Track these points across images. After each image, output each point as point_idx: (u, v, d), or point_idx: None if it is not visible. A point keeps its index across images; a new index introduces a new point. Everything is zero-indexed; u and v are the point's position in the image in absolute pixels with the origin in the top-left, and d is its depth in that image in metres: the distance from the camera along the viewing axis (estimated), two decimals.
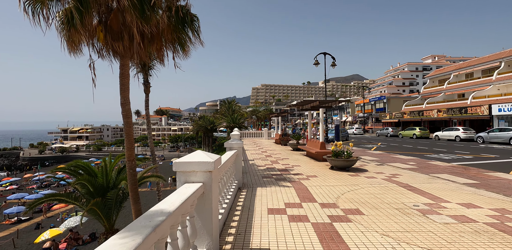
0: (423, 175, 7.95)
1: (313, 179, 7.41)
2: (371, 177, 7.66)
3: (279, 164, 10.31)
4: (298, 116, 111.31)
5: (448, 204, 5.01)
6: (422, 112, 37.95)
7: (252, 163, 10.63)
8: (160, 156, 70.37)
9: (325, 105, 10.99)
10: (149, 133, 14.95)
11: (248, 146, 18.83)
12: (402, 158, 12.58)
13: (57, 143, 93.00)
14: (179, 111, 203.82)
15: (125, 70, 7.55)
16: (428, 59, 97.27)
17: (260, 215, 4.40)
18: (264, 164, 10.47)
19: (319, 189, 6.15)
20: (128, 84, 7.68)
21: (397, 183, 6.84)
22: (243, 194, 5.77)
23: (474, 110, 28.97)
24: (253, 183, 6.85)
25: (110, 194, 8.22)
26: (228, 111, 48.72)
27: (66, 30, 6.55)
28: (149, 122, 14.93)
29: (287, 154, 13.89)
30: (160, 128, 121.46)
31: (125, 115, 7.55)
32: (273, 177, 7.76)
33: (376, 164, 10.42)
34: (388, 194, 5.73)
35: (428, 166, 10.15)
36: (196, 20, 8.34)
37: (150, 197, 25.99)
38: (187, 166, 2.69)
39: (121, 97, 7.53)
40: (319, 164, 10.32)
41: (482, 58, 37.71)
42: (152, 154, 14.89)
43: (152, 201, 22.07)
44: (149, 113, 14.98)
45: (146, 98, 14.95)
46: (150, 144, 15.03)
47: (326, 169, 9.04)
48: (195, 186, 2.58)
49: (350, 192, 5.85)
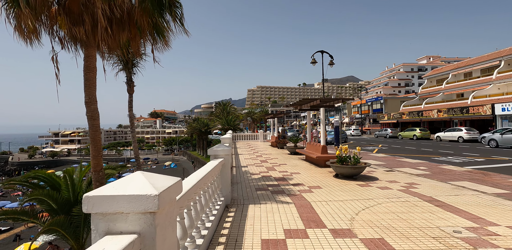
0: (443, 184, 6.79)
1: (317, 191, 6.20)
2: (385, 187, 6.47)
3: (275, 171, 9.09)
4: (294, 118, 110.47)
5: (496, 228, 3.84)
6: (421, 113, 37.07)
7: (245, 171, 9.39)
8: (154, 160, 68.68)
9: (327, 104, 9.82)
10: (133, 137, 13.65)
11: (242, 150, 17.60)
12: (410, 162, 11.45)
13: (47, 147, 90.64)
14: (174, 113, 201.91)
15: (90, 62, 6.29)
16: (423, 60, 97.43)
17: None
18: (259, 171, 9.23)
19: (326, 206, 4.94)
20: (95, 79, 6.42)
21: (419, 195, 5.66)
22: (231, 215, 4.53)
23: (476, 110, 28.10)
24: (245, 198, 5.61)
25: (77, 210, 6.93)
26: (222, 113, 47.48)
27: (10, 11, 5.30)
28: (132, 125, 13.63)
29: (284, 158, 12.68)
30: (155, 131, 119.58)
31: (91, 116, 6.29)
32: (269, 189, 6.53)
33: (384, 170, 9.26)
34: (414, 212, 4.54)
35: (442, 171, 9.02)
36: (178, 6, 7.14)
37: None
38: (108, 203, 1.45)
39: (85, 94, 6.27)
40: (320, 170, 9.12)
41: (481, 57, 37.03)
42: (136, 160, 13.57)
43: None
44: (133, 115, 13.69)
45: (130, 99, 13.66)
46: (134, 148, 13.72)
47: (330, 177, 7.84)
48: (122, 241, 1.36)
49: (365, 211, 4.65)
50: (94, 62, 6.41)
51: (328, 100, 9.35)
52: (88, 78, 6.27)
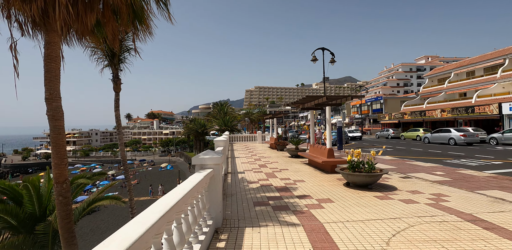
0: (476, 196, 5.72)
1: (328, 206, 5.10)
2: (409, 200, 5.38)
3: (276, 179, 7.98)
4: (292, 118, 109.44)
5: None
6: (424, 112, 36.08)
7: (241, 178, 8.27)
8: (150, 161, 67.34)
9: (333, 102, 8.73)
10: (120, 138, 12.48)
11: (240, 152, 16.48)
12: (423, 166, 10.39)
13: (42, 149, 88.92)
14: (172, 114, 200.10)
15: (52, 50, 5.16)
16: (422, 60, 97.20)
17: None
18: (258, 178, 8.12)
19: (345, 231, 3.83)
20: (58, 70, 5.29)
21: (456, 212, 4.58)
22: (221, 246, 3.42)
23: (482, 109, 27.12)
24: (240, 218, 4.49)
25: (42, 228, 5.78)
26: (219, 114, 46.35)
27: None
28: (119, 126, 12.46)
29: (285, 162, 11.59)
30: (152, 132, 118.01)
31: (52, 116, 5.15)
32: (270, 203, 5.42)
33: (399, 176, 8.18)
34: (462, 240, 3.45)
35: (463, 177, 7.96)
36: None
37: None
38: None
39: (45, 89, 5.14)
40: (327, 177, 8.02)
41: (485, 55, 36.15)
42: (123, 164, 12.40)
43: None
44: (119, 115, 12.52)
45: (116, 97, 12.49)
46: (121, 151, 12.56)
47: (340, 187, 6.75)
48: None
49: (397, 238, 3.56)
50: (57, 50, 5.27)
51: (335, 97, 8.26)
52: (50, 69, 5.14)
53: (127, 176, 12.35)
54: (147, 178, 45.85)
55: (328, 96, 8.06)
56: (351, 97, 8.09)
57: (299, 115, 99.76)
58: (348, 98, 8.09)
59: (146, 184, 40.27)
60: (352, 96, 8.10)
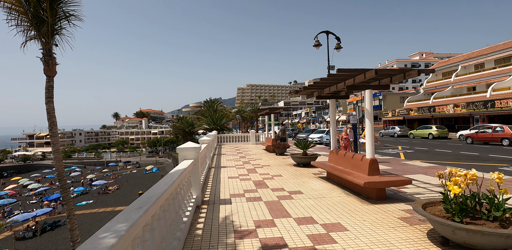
0: None
1: None
2: None
3: (290, 222, 4.35)
4: (286, 116, 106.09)
5: None
6: (433, 108, 33.01)
7: (225, 218, 4.58)
8: (135, 163, 62.95)
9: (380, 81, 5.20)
10: (54, 142, 8.65)
11: (228, 158, 12.81)
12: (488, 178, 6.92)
13: (20, 151, 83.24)
14: (162, 113, 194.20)
15: None
16: (416, 56, 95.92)
17: None
18: (257, 219, 4.47)
19: None
20: None
21: None
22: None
23: (504, 104, 24.09)
24: None
25: None
26: (208, 111, 42.52)
27: None
28: (54, 125, 8.66)
29: (293, 176, 7.99)
30: (140, 132, 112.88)
31: None
32: None
33: None
34: None
35: None
36: None
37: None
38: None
39: None
40: (383, 215, 4.45)
41: (496, 46, 33.31)
42: (59, 180, 8.58)
43: None
44: (53, 110, 8.71)
45: (48, 84, 8.66)
46: (56, 161, 8.72)
47: (434, 248, 3.18)
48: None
49: None
50: None
51: (389, 72, 4.69)
52: None
53: (66, 197, 8.57)
54: (129, 183, 41.77)
55: (379, 70, 4.50)
56: (419, 71, 4.53)
57: (292, 113, 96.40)
58: (413, 72, 4.55)
59: (127, 190, 36.30)
60: (420, 70, 4.55)
